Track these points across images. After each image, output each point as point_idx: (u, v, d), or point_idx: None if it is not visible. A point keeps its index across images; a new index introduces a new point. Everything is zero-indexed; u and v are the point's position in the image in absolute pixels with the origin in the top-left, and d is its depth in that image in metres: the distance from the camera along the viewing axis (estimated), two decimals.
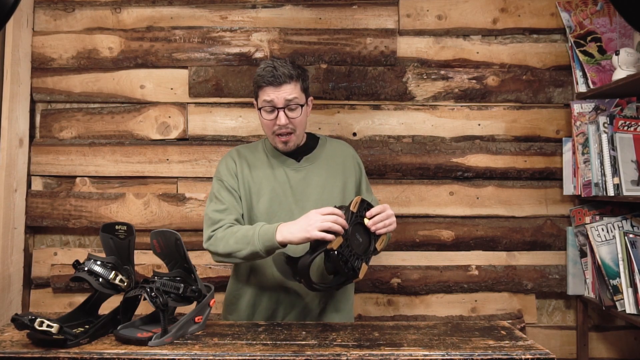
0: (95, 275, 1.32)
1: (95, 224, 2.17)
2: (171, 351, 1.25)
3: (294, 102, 1.62)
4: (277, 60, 1.64)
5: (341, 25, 2.23)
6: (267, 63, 1.64)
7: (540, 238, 2.20)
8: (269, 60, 1.66)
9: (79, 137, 2.22)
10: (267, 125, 1.66)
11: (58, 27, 2.23)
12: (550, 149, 2.21)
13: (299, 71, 1.65)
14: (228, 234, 1.56)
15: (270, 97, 1.61)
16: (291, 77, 1.61)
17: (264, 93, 1.62)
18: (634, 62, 1.95)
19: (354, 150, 1.84)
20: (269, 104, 1.62)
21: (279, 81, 1.60)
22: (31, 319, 1.20)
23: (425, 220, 2.21)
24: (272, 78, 1.60)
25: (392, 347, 1.28)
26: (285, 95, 1.60)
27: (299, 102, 1.63)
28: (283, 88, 1.60)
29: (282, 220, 1.59)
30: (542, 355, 1.24)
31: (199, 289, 1.39)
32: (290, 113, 1.63)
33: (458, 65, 2.24)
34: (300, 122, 1.66)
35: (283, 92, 1.60)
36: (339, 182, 1.72)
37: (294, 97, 1.62)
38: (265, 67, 1.63)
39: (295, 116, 1.63)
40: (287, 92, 1.61)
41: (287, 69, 1.61)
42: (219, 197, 1.67)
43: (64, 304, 2.20)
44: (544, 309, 2.23)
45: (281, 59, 1.67)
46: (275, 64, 1.62)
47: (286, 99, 1.61)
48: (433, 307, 2.21)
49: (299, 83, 1.64)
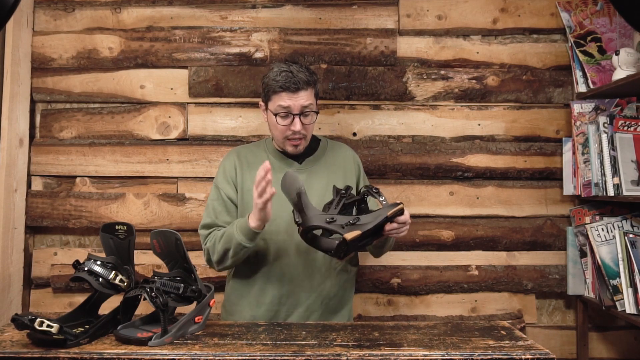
0: (95, 275, 1.32)
1: (95, 224, 2.17)
2: (171, 351, 1.25)
3: (309, 109, 1.62)
4: (293, 65, 1.62)
5: (341, 25, 2.23)
6: (282, 67, 1.61)
7: (540, 238, 2.20)
8: (283, 64, 1.64)
9: (79, 137, 2.22)
10: (280, 130, 1.65)
11: (58, 27, 2.23)
12: (550, 149, 2.21)
13: (314, 77, 1.64)
14: (215, 241, 1.62)
15: (286, 103, 1.60)
16: (308, 84, 1.61)
17: (280, 98, 1.60)
18: (634, 62, 1.95)
19: (354, 152, 1.85)
20: (284, 110, 1.60)
21: (296, 87, 1.59)
22: (31, 319, 1.20)
23: (425, 220, 2.21)
24: (289, 84, 1.58)
25: (392, 347, 1.28)
26: (301, 102, 1.60)
27: (313, 109, 1.64)
28: (300, 94, 1.60)
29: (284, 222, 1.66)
30: (542, 355, 1.24)
31: (199, 289, 1.39)
32: (305, 119, 1.63)
33: (458, 65, 2.24)
34: (312, 127, 1.68)
35: (300, 98, 1.60)
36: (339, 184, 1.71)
37: (309, 104, 1.62)
38: (281, 71, 1.60)
39: (309, 122, 1.64)
40: (303, 99, 1.60)
41: (304, 74, 1.60)
42: (210, 208, 1.71)
43: (64, 304, 2.20)
44: (544, 309, 2.23)
45: (296, 63, 1.65)
46: (291, 68, 1.60)
47: (302, 106, 1.60)
48: (433, 307, 2.21)
49: (314, 89, 1.65)
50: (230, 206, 1.70)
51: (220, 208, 1.70)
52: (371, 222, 1.38)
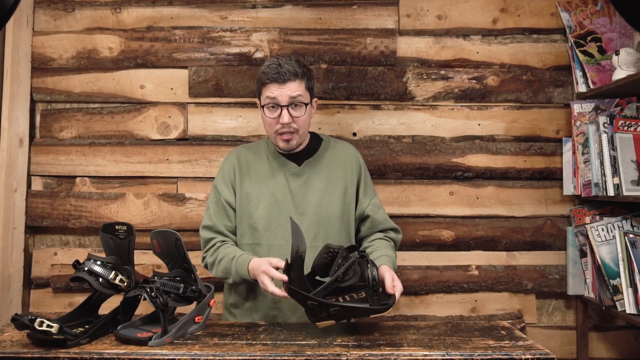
0: (95, 275, 1.32)
1: (95, 224, 2.17)
2: (171, 351, 1.25)
3: (298, 100, 1.59)
4: (282, 58, 1.61)
5: (341, 25, 2.23)
6: (271, 60, 1.61)
7: (540, 238, 2.20)
8: (273, 57, 1.64)
9: (79, 137, 2.22)
10: (269, 124, 1.63)
11: (58, 27, 2.23)
12: (550, 149, 2.21)
13: (304, 69, 1.62)
14: (215, 262, 1.65)
15: (273, 94, 1.58)
16: (296, 75, 1.58)
17: (268, 90, 1.59)
18: (634, 62, 1.95)
19: (357, 152, 1.81)
20: (272, 101, 1.59)
21: (284, 78, 1.57)
22: (31, 319, 1.20)
23: (425, 220, 2.21)
24: (276, 75, 1.57)
25: (392, 347, 1.28)
26: (289, 92, 1.58)
27: (303, 101, 1.60)
28: (287, 85, 1.58)
29: (282, 226, 1.64)
30: (542, 355, 1.24)
31: (199, 289, 1.39)
32: (294, 112, 1.60)
33: (458, 65, 2.24)
34: (303, 121, 1.63)
35: (287, 89, 1.58)
36: (339, 188, 1.70)
37: (298, 95, 1.59)
38: (269, 64, 1.60)
39: (299, 115, 1.60)
40: (291, 90, 1.58)
41: (292, 66, 1.59)
42: (211, 211, 1.72)
43: (64, 304, 2.20)
44: (544, 309, 2.23)
45: (286, 56, 1.64)
46: (280, 61, 1.59)
47: (290, 97, 1.58)
48: (433, 307, 2.21)
49: (303, 81, 1.61)
50: (228, 210, 1.70)
51: (219, 212, 1.71)
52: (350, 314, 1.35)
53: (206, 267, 1.71)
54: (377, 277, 1.33)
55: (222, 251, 1.65)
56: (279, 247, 1.65)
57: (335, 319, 1.34)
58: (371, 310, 1.33)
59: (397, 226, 1.78)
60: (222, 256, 1.63)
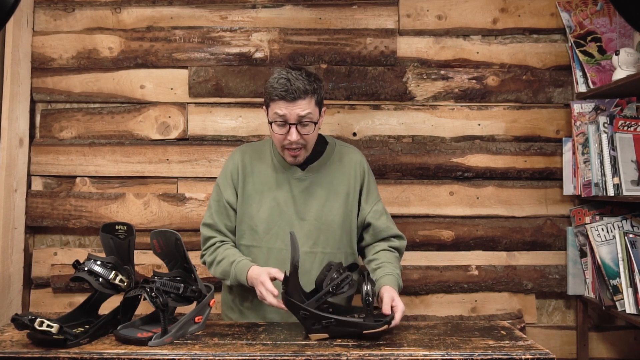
0: (95, 275, 1.32)
1: (95, 224, 2.17)
2: (171, 351, 1.25)
3: (307, 119, 1.55)
4: (292, 72, 1.54)
5: (341, 25, 2.23)
6: (281, 74, 1.55)
7: (540, 238, 2.20)
8: (283, 71, 1.56)
9: (79, 137, 2.22)
10: (277, 139, 1.60)
11: (58, 27, 2.23)
12: (550, 149, 2.21)
13: (314, 85, 1.56)
14: (214, 262, 1.66)
15: (282, 111, 1.53)
16: (306, 92, 1.53)
17: (276, 106, 1.54)
18: (634, 62, 1.95)
19: (362, 157, 1.77)
20: (280, 118, 1.55)
21: (293, 96, 1.51)
22: (31, 319, 1.20)
23: (425, 220, 2.21)
24: (285, 92, 1.51)
25: (392, 347, 1.28)
26: (298, 111, 1.53)
27: (312, 119, 1.56)
28: (297, 103, 1.52)
29: (282, 231, 1.64)
30: (542, 355, 1.24)
31: (199, 289, 1.39)
32: (302, 129, 1.56)
33: (458, 65, 2.24)
34: (312, 137, 1.60)
35: (297, 107, 1.53)
36: (341, 195, 1.69)
37: (307, 114, 1.54)
38: (278, 78, 1.54)
39: (308, 132, 1.57)
40: (300, 108, 1.53)
41: (302, 82, 1.52)
42: (212, 209, 1.72)
43: (64, 304, 2.20)
44: (544, 309, 2.23)
45: (296, 69, 1.57)
46: (289, 76, 1.53)
47: (299, 115, 1.53)
48: (433, 307, 2.21)
49: (314, 98, 1.56)
50: (229, 211, 1.70)
51: (220, 211, 1.70)
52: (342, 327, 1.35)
53: (204, 264, 1.72)
54: (372, 292, 1.34)
55: (221, 252, 1.65)
56: (278, 251, 1.64)
57: (329, 332, 1.35)
58: (364, 325, 1.34)
59: (401, 233, 1.75)
60: (222, 258, 1.63)
